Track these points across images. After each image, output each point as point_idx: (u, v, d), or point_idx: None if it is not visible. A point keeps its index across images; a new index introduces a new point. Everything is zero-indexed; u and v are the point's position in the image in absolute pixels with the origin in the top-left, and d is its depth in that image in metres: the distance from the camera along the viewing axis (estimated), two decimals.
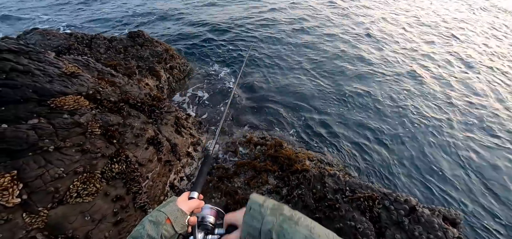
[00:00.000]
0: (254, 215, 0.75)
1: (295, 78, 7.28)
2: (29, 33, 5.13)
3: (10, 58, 2.46)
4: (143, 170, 2.95)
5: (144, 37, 6.59)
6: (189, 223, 0.91)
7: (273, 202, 0.79)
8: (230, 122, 5.63)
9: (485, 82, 7.72)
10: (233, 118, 5.75)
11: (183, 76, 6.71)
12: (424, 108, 6.40)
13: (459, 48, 9.66)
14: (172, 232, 0.83)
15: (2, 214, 1.84)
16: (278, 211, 0.75)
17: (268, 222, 0.72)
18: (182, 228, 0.87)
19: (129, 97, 3.52)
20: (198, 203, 0.99)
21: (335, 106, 6.28)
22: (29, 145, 2.09)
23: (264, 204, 0.77)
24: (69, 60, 3.39)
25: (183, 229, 0.88)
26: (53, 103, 2.45)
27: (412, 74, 7.72)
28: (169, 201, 0.93)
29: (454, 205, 4.35)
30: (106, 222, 2.41)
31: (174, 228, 0.84)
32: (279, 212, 0.75)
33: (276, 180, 3.56)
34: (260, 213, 0.75)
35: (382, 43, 9.47)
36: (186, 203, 0.95)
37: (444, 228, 2.32)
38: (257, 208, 0.76)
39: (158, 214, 0.85)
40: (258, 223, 0.73)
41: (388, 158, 5.04)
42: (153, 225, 0.81)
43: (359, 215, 2.57)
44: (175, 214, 0.87)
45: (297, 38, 9.65)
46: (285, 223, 0.71)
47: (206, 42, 9.35)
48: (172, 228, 0.84)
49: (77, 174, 2.31)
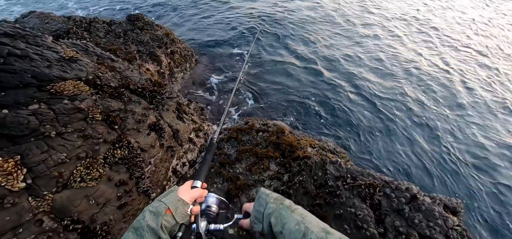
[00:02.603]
0: (261, 202, 0.92)
1: (301, 67, 7.12)
2: (27, 17, 5.02)
3: (6, 43, 2.41)
4: (145, 155, 2.97)
5: (144, 21, 6.43)
6: (192, 213, 0.90)
7: (277, 195, 0.96)
8: (233, 108, 5.60)
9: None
10: (236, 104, 5.71)
11: (185, 61, 6.60)
12: (430, 101, 6.27)
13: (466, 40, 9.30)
14: (173, 222, 0.82)
15: (8, 198, 1.88)
16: (279, 201, 0.91)
17: (270, 208, 0.89)
18: (184, 218, 0.86)
19: (130, 82, 3.48)
20: (201, 192, 0.97)
21: (339, 96, 6.18)
22: (31, 130, 2.09)
23: (269, 195, 0.94)
24: (67, 44, 3.33)
25: (185, 218, 0.87)
26: (53, 89, 2.43)
27: (418, 67, 7.49)
28: (170, 191, 0.92)
29: (456, 193, 4.36)
30: (110, 206, 2.46)
31: (175, 218, 0.83)
32: (280, 202, 0.91)
33: (278, 166, 3.57)
34: (265, 201, 0.92)
35: (392, 40, 9.10)
36: (188, 193, 0.93)
37: (444, 216, 2.32)
38: (263, 197, 0.94)
39: (159, 204, 0.84)
40: (262, 208, 0.90)
41: (393, 148, 5.02)
42: (153, 216, 0.80)
43: (359, 202, 2.58)
44: (175, 204, 0.86)
45: (304, 27, 9.35)
46: (283, 210, 0.87)
47: (209, 27, 9.11)
48: (173, 218, 0.83)
49: (80, 159, 2.33)
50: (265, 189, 0.98)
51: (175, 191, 0.92)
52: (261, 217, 0.89)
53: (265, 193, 0.95)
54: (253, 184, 3.24)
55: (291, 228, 0.80)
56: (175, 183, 3.44)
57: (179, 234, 0.83)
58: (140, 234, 0.75)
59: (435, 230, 2.24)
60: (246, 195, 3.12)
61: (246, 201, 3.06)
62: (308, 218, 0.84)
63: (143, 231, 0.76)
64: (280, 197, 0.94)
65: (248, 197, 3.11)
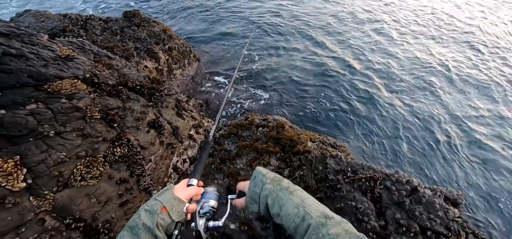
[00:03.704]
0: (257, 182, 0.88)
1: (299, 61, 7.07)
2: (22, 16, 4.95)
3: (1, 42, 2.38)
4: (145, 153, 2.97)
5: (140, 17, 6.35)
6: (188, 211, 0.89)
7: (274, 174, 0.90)
8: (232, 104, 5.58)
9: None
10: (235, 100, 5.68)
11: (183, 57, 6.55)
12: (434, 95, 6.23)
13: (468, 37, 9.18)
14: (168, 220, 0.81)
15: (9, 198, 1.88)
16: (276, 182, 0.87)
17: (266, 189, 0.85)
18: (180, 216, 0.85)
19: (128, 80, 3.45)
20: (197, 190, 0.96)
21: (340, 90, 6.14)
22: (29, 130, 2.08)
23: (266, 175, 0.90)
24: (63, 43, 3.29)
25: (181, 217, 0.86)
26: (50, 88, 2.41)
27: (423, 61, 7.41)
28: (165, 189, 0.91)
29: (457, 185, 4.37)
30: (112, 204, 2.47)
31: (171, 217, 0.82)
32: (277, 182, 0.87)
33: (278, 161, 3.58)
34: (262, 181, 0.88)
35: (394, 32, 8.98)
36: (184, 191, 0.92)
37: (445, 208, 2.33)
38: (260, 177, 0.89)
39: (154, 202, 0.83)
40: (259, 189, 0.86)
41: (394, 141, 5.01)
42: (149, 214, 0.79)
43: (360, 196, 2.59)
44: (171, 202, 0.85)
45: (301, 21, 9.23)
46: (281, 192, 0.83)
47: (207, 22, 9.00)
48: (169, 217, 0.82)
49: (80, 158, 2.32)
50: (262, 168, 0.94)
51: (171, 189, 0.91)
52: (257, 198, 0.85)
53: (262, 173, 0.90)
54: None
55: (290, 211, 0.78)
56: (176, 179, 3.45)
57: (175, 232, 0.82)
58: (136, 233, 0.74)
59: (435, 222, 2.25)
60: None
61: None
62: (308, 201, 0.80)
63: (138, 230, 0.75)
64: (277, 176, 0.90)
65: None
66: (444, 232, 2.19)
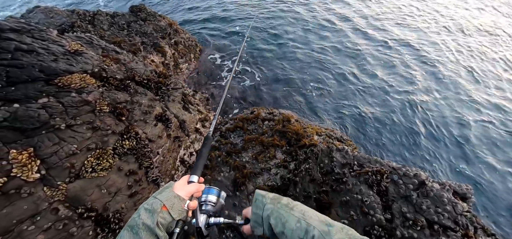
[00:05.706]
0: (258, 205, 0.91)
1: (303, 53, 6.96)
2: (32, 12, 5.06)
3: (13, 38, 2.44)
4: (153, 146, 3.03)
5: (146, 12, 6.37)
6: (189, 208, 0.87)
7: (273, 194, 0.94)
8: (238, 98, 5.58)
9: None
10: (241, 94, 5.68)
11: (189, 51, 6.56)
12: (439, 88, 6.04)
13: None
14: (169, 218, 0.80)
15: (25, 188, 1.96)
16: (276, 200, 0.90)
17: (268, 209, 0.87)
18: (180, 214, 0.83)
19: (135, 74, 3.50)
20: (198, 187, 0.93)
21: (345, 81, 6.03)
22: (41, 123, 2.15)
23: (265, 196, 0.93)
24: (72, 38, 3.35)
25: (182, 215, 0.84)
26: (60, 82, 2.47)
27: (426, 58, 7.17)
28: (165, 187, 0.89)
29: (468, 180, 4.27)
30: (122, 195, 2.55)
31: (171, 215, 0.80)
32: (277, 201, 0.90)
33: (284, 154, 3.58)
34: (262, 202, 0.90)
35: (399, 30, 8.67)
36: (185, 188, 0.90)
37: (453, 202, 2.28)
38: (260, 199, 0.92)
39: (154, 201, 0.81)
40: (260, 211, 0.89)
41: (402, 135, 4.91)
42: (149, 213, 0.77)
43: (366, 189, 2.57)
44: (171, 200, 0.83)
45: (307, 12, 9.03)
46: (281, 209, 0.86)
47: (212, 15, 8.95)
48: (169, 215, 0.80)
49: (90, 150, 2.39)
50: (261, 190, 0.96)
51: (171, 187, 0.89)
52: (260, 220, 0.88)
53: (261, 195, 0.93)
54: (260, 172, 3.27)
55: (293, 227, 0.79)
56: (183, 172, 3.51)
57: (177, 230, 0.80)
58: (136, 232, 0.73)
59: (443, 216, 2.21)
60: (252, 183, 3.16)
61: (252, 189, 3.10)
62: (308, 213, 0.82)
63: (138, 229, 0.74)
64: (276, 196, 0.93)
65: (255, 185, 3.14)
66: (451, 226, 2.16)
